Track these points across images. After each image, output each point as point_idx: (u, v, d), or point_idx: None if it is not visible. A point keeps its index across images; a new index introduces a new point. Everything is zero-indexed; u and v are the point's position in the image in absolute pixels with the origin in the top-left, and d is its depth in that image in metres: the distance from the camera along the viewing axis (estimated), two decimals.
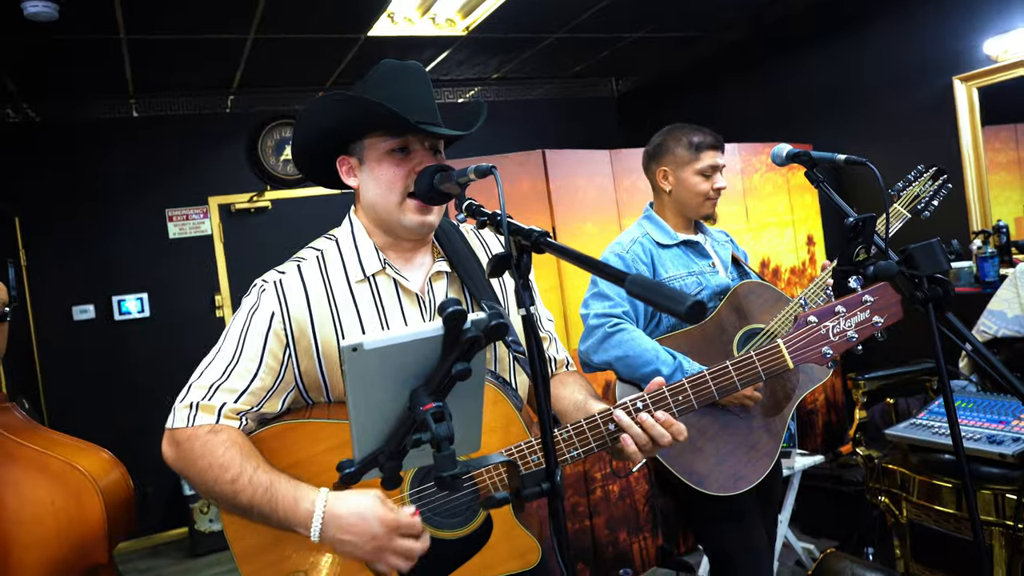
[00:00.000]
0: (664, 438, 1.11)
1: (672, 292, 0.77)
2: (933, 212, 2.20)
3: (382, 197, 1.20)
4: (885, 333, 1.35)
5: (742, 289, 1.98)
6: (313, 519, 1.06)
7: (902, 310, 1.29)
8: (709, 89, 5.17)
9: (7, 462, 1.62)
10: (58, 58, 3.69)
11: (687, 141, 2.01)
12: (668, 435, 1.11)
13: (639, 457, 1.12)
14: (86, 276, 4.40)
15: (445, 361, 0.84)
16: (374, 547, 1.04)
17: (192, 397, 1.18)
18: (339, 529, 1.05)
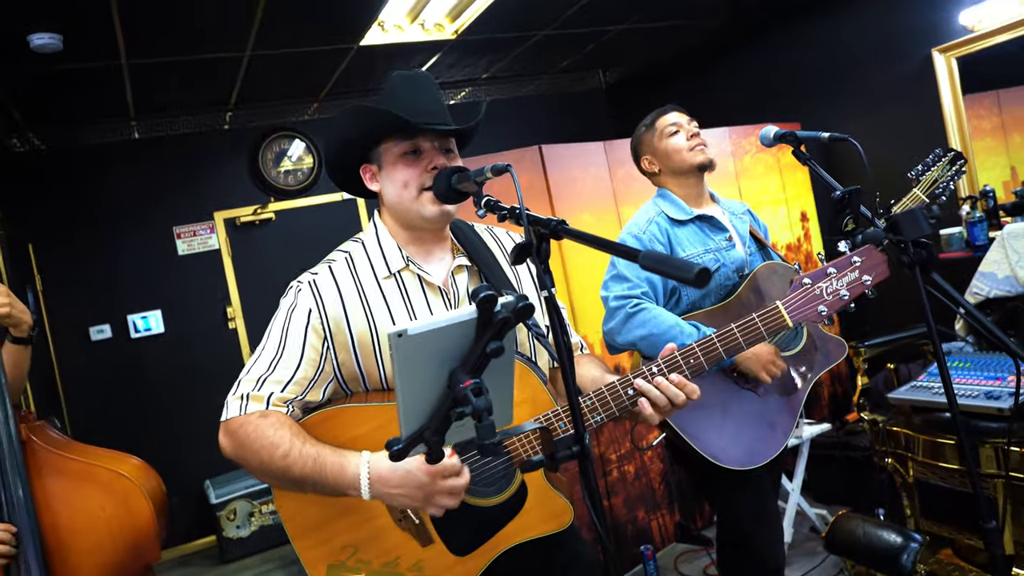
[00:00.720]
0: (679, 397, 1.20)
1: (680, 262, 0.87)
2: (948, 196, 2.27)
3: (400, 195, 1.30)
4: (875, 291, 1.44)
5: (762, 271, 2.01)
6: (360, 480, 1.16)
7: (888, 268, 1.38)
8: (695, 75, 5.27)
9: (55, 476, 1.72)
10: (62, 86, 3.78)
11: (646, 123, 2.16)
12: (682, 395, 1.20)
13: (656, 418, 1.21)
14: (101, 297, 4.50)
15: (479, 341, 0.94)
16: (423, 494, 1.14)
17: (243, 390, 1.27)
18: (386, 485, 1.15)
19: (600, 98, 6.10)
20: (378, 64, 4.49)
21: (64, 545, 1.67)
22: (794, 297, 1.34)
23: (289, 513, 1.29)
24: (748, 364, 1.86)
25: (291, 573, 4.00)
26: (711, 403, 1.88)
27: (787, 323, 1.33)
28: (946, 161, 2.21)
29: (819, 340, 2.01)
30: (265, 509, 4.34)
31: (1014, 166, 3.72)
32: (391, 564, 1.23)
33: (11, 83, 3.61)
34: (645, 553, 2.93)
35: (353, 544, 1.24)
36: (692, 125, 2.12)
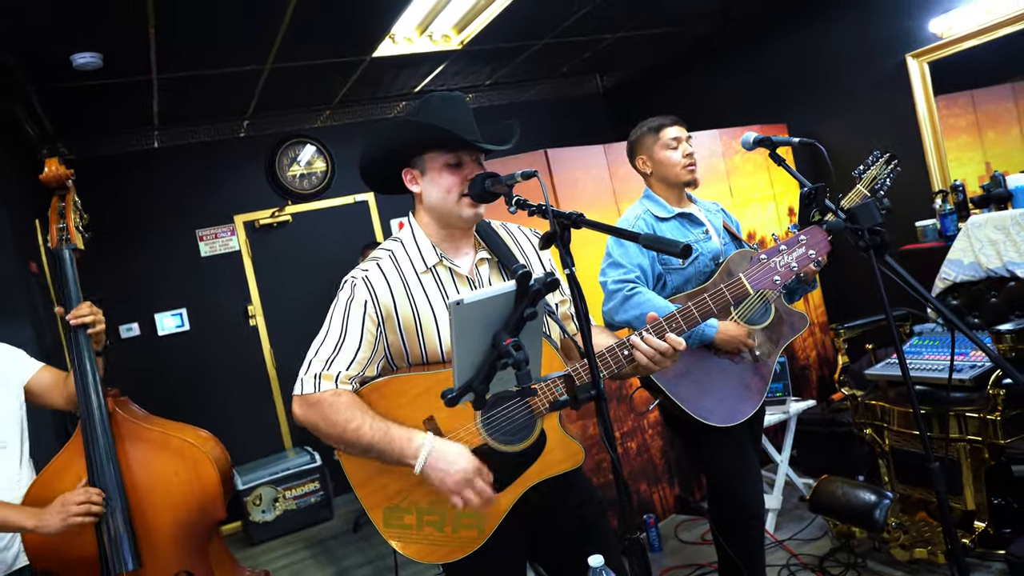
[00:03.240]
0: (663, 346, 1.47)
1: (669, 240, 1.17)
2: (887, 191, 2.59)
3: (444, 199, 1.56)
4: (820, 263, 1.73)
5: (734, 258, 2.32)
6: (420, 455, 1.43)
7: (828, 244, 1.67)
8: (687, 79, 5.56)
9: (137, 443, 1.98)
10: (94, 100, 4.05)
11: (649, 127, 2.39)
12: (666, 345, 1.48)
13: (652, 367, 1.49)
14: (130, 297, 4.79)
15: (518, 308, 1.22)
16: (460, 479, 1.42)
17: (314, 369, 1.53)
18: (439, 460, 1.42)
19: (598, 101, 6.39)
20: (387, 73, 4.77)
21: (143, 503, 1.93)
22: (753, 270, 1.62)
23: (351, 468, 1.55)
24: (725, 343, 2.20)
25: (314, 553, 4.28)
26: (696, 372, 2.19)
27: (748, 291, 1.61)
28: (882, 162, 2.55)
29: (785, 314, 2.32)
30: (288, 495, 4.64)
31: (988, 161, 3.99)
32: (436, 504, 1.49)
33: (50, 98, 3.89)
34: (648, 521, 3.21)
35: (405, 489, 1.51)
36: (689, 143, 2.37)
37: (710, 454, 2.27)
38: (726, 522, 2.28)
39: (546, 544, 1.67)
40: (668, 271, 2.30)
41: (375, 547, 4.10)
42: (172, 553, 1.92)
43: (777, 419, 3.29)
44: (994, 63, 3.76)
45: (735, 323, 2.23)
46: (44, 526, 1.77)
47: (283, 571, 4.06)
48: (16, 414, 2.05)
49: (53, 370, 2.14)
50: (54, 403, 2.12)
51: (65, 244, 1.99)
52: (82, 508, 1.79)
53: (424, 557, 1.52)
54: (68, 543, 1.85)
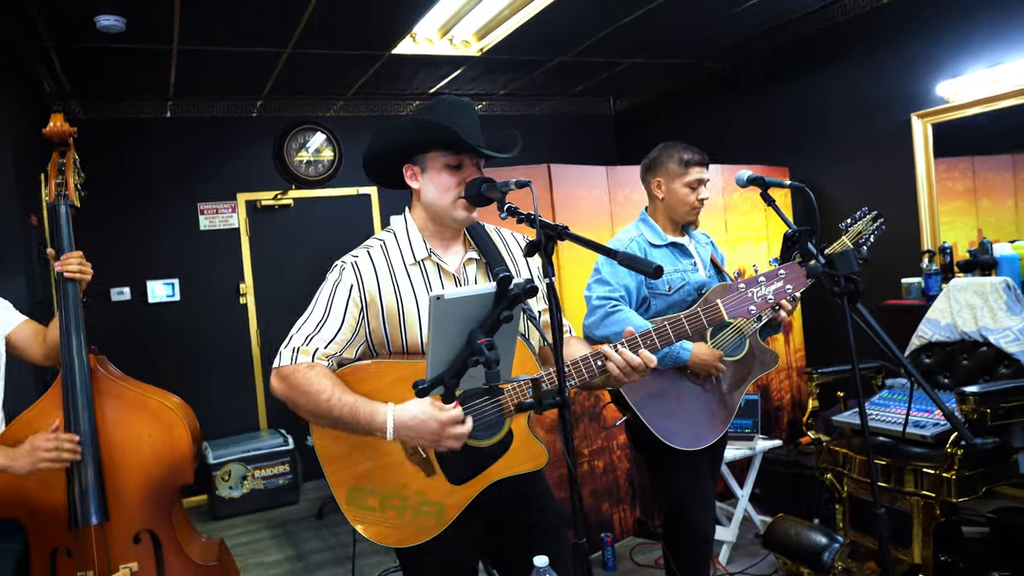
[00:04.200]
0: (635, 360, 1.53)
1: (645, 260, 1.23)
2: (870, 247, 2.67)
3: (439, 198, 1.62)
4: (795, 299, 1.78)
5: (717, 289, 2.38)
6: (387, 424, 1.48)
7: (805, 280, 1.74)
8: (697, 112, 5.65)
9: (114, 400, 2.03)
10: (114, 63, 4.11)
11: (679, 157, 2.40)
12: (638, 359, 1.54)
13: (623, 379, 1.54)
14: (124, 261, 4.83)
15: (495, 309, 1.28)
16: (433, 437, 1.47)
17: (294, 343, 1.59)
18: (405, 428, 1.47)
19: (608, 123, 6.48)
20: (404, 72, 4.85)
21: (115, 459, 1.98)
22: (730, 298, 1.68)
23: (322, 445, 1.61)
24: (698, 367, 2.26)
25: (276, 534, 4.31)
26: (667, 395, 2.26)
27: (724, 317, 1.67)
28: (869, 219, 2.64)
29: (758, 351, 2.39)
30: (258, 474, 4.67)
31: (981, 228, 4.07)
32: (400, 488, 1.55)
33: (69, 56, 3.94)
34: (605, 539, 3.26)
35: (370, 471, 1.57)
36: (704, 189, 2.41)
37: (668, 475, 2.33)
38: (677, 542, 2.34)
39: (500, 543, 1.72)
40: (653, 295, 2.36)
41: (336, 535, 4.13)
42: (138, 511, 1.96)
43: (743, 454, 3.35)
44: (996, 133, 3.85)
45: (708, 346, 2.30)
46: (13, 466, 1.81)
47: (243, 548, 4.09)
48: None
49: (35, 324, 2.17)
50: (32, 356, 2.15)
51: (62, 200, 2.03)
52: (51, 454, 1.82)
53: (381, 539, 1.57)
54: (37, 493, 1.89)
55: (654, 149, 2.49)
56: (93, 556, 1.87)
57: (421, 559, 1.63)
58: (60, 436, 1.86)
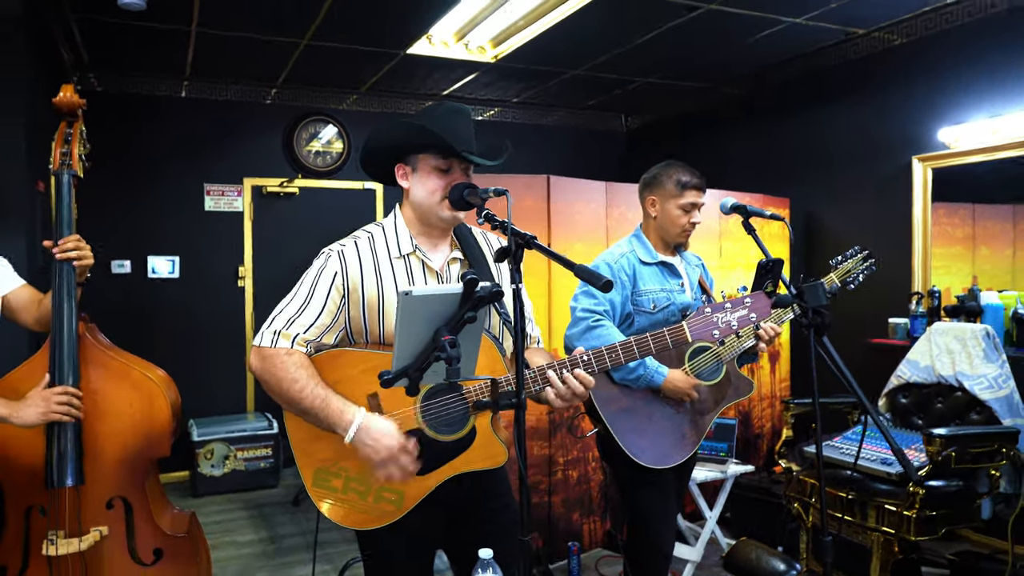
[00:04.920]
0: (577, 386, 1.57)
1: (597, 274, 1.31)
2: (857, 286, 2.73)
3: (427, 198, 1.70)
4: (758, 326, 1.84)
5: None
6: (351, 426, 1.55)
7: (769, 311, 1.80)
8: (708, 135, 5.73)
9: (99, 368, 2.10)
10: (133, 39, 4.21)
11: (677, 178, 2.44)
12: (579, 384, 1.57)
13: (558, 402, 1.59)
14: (126, 234, 4.93)
15: (461, 309, 1.35)
16: (385, 456, 1.54)
17: (275, 326, 1.66)
18: (367, 436, 1.54)
19: (619, 140, 6.56)
20: (419, 72, 4.94)
21: (95, 425, 2.05)
22: (695, 319, 1.75)
23: (292, 427, 1.68)
24: (670, 392, 2.34)
25: (252, 515, 4.39)
26: (639, 412, 2.32)
27: (687, 338, 1.74)
28: (860, 258, 2.70)
29: (734, 377, 2.45)
30: (240, 455, 4.76)
31: (976, 275, 4.11)
32: (364, 474, 1.62)
33: (90, 29, 4.05)
34: (571, 548, 3.32)
35: (336, 456, 1.64)
36: (697, 212, 2.46)
37: (634, 490, 2.39)
38: (637, 555, 2.41)
39: (458, 537, 1.79)
40: (637, 312, 2.42)
41: (310, 521, 4.20)
42: (112, 478, 2.03)
43: (714, 477, 3.41)
44: (997, 182, 3.90)
45: (684, 374, 2.36)
46: (18, 416, 1.87)
47: (217, 526, 4.17)
48: None
49: (32, 289, 2.24)
50: (25, 321, 2.22)
51: (66, 169, 2.09)
52: (63, 407, 1.90)
53: (342, 520, 1.65)
54: (16, 451, 1.96)
55: (655, 167, 2.54)
56: (66, 517, 1.94)
57: (380, 543, 1.70)
58: (69, 389, 1.93)
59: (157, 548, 2.07)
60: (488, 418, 1.67)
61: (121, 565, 2.02)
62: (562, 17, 3.90)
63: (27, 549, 1.96)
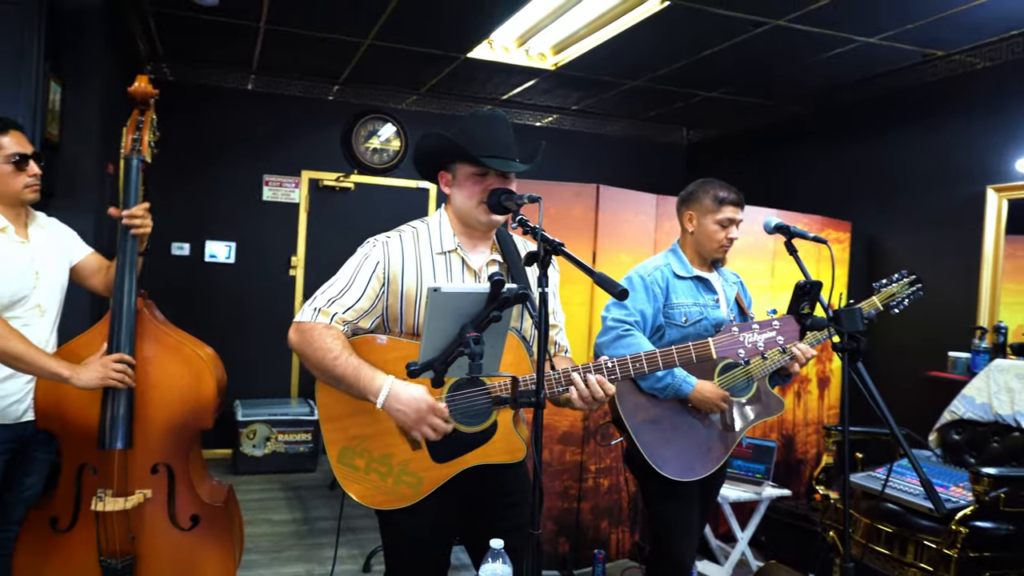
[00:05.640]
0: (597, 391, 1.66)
1: (613, 282, 1.38)
2: (902, 311, 2.71)
3: (465, 203, 1.81)
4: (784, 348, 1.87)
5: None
6: (382, 392, 1.66)
7: (798, 336, 1.83)
8: (770, 153, 5.69)
9: (153, 342, 2.27)
10: (205, 33, 4.48)
11: (714, 194, 2.50)
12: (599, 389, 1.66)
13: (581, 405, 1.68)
14: (187, 218, 5.24)
15: (487, 308, 1.45)
16: (416, 418, 1.64)
17: (316, 304, 1.79)
18: (397, 401, 1.65)
19: (678, 153, 6.57)
20: (478, 75, 5.08)
21: (146, 395, 2.21)
22: (722, 337, 1.80)
23: (323, 403, 1.80)
24: (698, 402, 2.37)
25: (288, 496, 4.60)
26: (665, 423, 2.37)
27: (712, 354, 1.79)
28: (905, 282, 2.67)
29: (764, 395, 2.47)
30: (281, 438, 5.01)
31: None
32: (386, 457, 1.73)
33: (165, 22, 4.33)
34: (597, 556, 3.37)
35: (362, 436, 1.75)
36: (735, 228, 2.51)
37: (657, 502, 2.44)
38: (658, 567, 2.45)
39: (475, 529, 1.88)
40: (669, 325, 2.48)
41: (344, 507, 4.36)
42: (158, 445, 2.20)
43: (748, 498, 3.41)
44: None
45: (713, 385, 2.40)
46: (78, 379, 2.06)
47: (254, 503, 4.39)
48: (61, 287, 2.39)
49: (100, 257, 2.50)
50: (94, 286, 2.49)
51: (135, 154, 2.28)
52: (118, 375, 2.08)
53: (363, 498, 1.76)
54: (75, 412, 2.14)
55: (693, 183, 2.60)
56: (114, 477, 2.12)
57: (398, 525, 1.81)
58: (125, 356, 2.12)
59: (194, 515, 2.23)
60: (511, 414, 1.76)
61: (160, 527, 2.19)
62: (625, 28, 3.97)
63: (78, 504, 2.15)
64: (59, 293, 2.40)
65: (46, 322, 2.34)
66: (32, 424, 2.24)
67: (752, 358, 1.94)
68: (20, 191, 2.26)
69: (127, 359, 2.12)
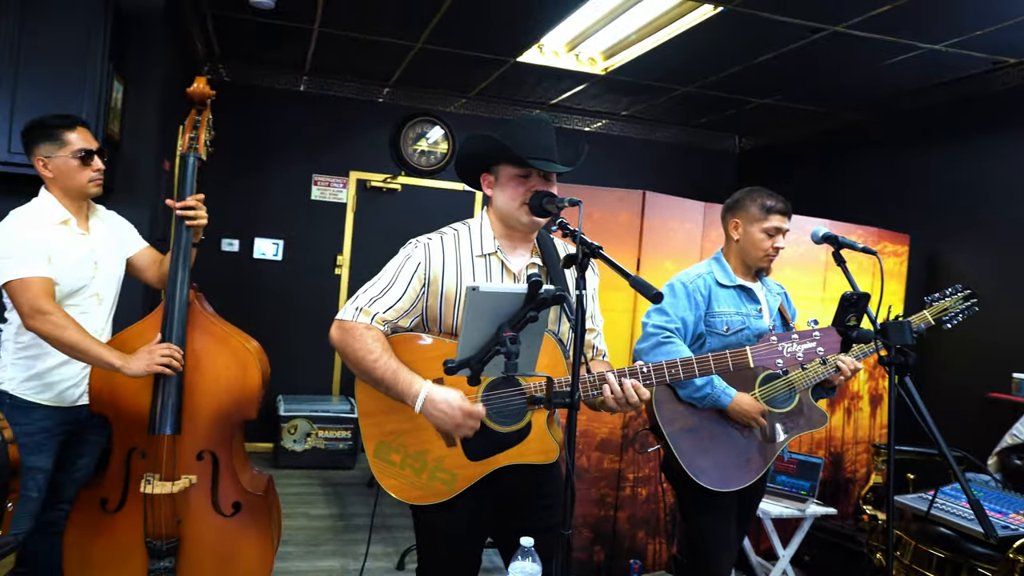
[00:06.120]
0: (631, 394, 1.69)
1: (648, 285, 1.40)
2: (956, 326, 2.65)
3: (508, 205, 1.85)
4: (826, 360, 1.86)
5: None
6: (419, 397, 1.72)
7: (839, 347, 1.82)
8: (827, 162, 5.60)
9: (203, 333, 2.38)
10: (260, 35, 4.64)
11: (760, 202, 2.50)
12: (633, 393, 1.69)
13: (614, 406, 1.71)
14: (237, 215, 5.41)
15: (524, 308, 1.49)
16: (452, 423, 1.70)
17: (358, 303, 1.86)
18: (433, 406, 1.71)
19: (730, 161, 6.51)
20: (528, 79, 5.13)
21: (195, 383, 2.32)
22: (760, 347, 1.80)
23: (361, 399, 1.87)
24: (736, 415, 2.38)
25: (326, 492, 4.72)
26: (703, 432, 2.37)
27: (749, 363, 1.80)
28: (960, 297, 2.61)
29: (807, 407, 2.45)
30: (321, 434, 5.14)
31: None
32: (421, 453, 1.78)
33: (222, 24, 4.50)
34: (633, 566, 3.37)
35: (398, 431, 1.81)
36: (781, 237, 2.50)
37: (694, 513, 2.44)
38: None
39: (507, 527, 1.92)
40: (710, 333, 2.48)
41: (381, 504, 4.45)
42: (204, 432, 2.30)
43: (790, 514, 3.37)
44: None
45: (752, 398, 2.39)
46: (128, 367, 2.17)
47: (293, 497, 4.52)
48: (117, 278, 2.52)
49: (154, 251, 2.63)
50: (148, 279, 2.62)
51: (192, 152, 2.41)
52: (165, 359, 2.19)
53: (397, 493, 1.82)
54: (127, 398, 2.26)
55: (739, 191, 2.60)
56: (162, 461, 2.22)
57: (433, 521, 1.86)
58: (172, 346, 2.22)
59: (236, 502, 2.32)
60: (545, 415, 1.79)
61: (203, 512, 2.29)
62: (677, 33, 3.97)
63: (127, 486, 2.26)
64: (116, 283, 2.53)
65: (103, 311, 2.46)
66: (86, 408, 2.36)
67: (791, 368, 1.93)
68: (85, 185, 2.39)
69: (173, 347, 2.23)
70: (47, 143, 2.35)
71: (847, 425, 4.26)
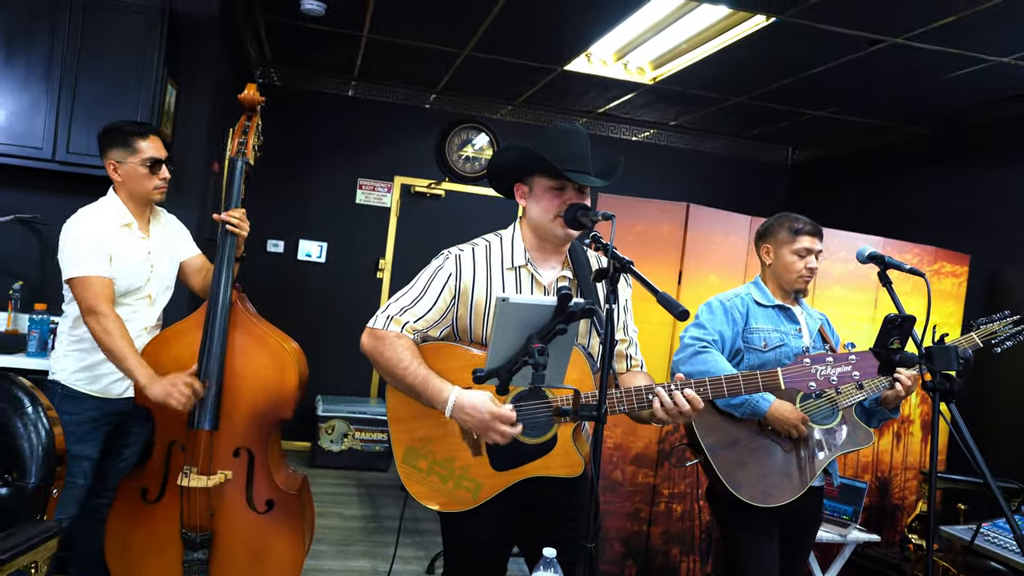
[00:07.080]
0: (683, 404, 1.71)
1: (674, 302, 1.41)
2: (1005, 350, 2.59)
3: (542, 216, 1.88)
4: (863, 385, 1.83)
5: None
6: (448, 402, 1.76)
7: (875, 371, 1.80)
8: (881, 177, 5.48)
9: (243, 333, 2.46)
10: (310, 41, 4.78)
11: (789, 225, 2.53)
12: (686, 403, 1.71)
13: (664, 418, 1.72)
14: (284, 216, 5.58)
15: (553, 321, 1.52)
16: (483, 426, 1.73)
17: (390, 312, 1.91)
18: (462, 410, 1.75)
19: (782, 173, 6.42)
20: (574, 88, 5.17)
21: (234, 382, 2.41)
22: (792, 368, 1.79)
23: (392, 405, 1.92)
24: (775, 422, 2.35)
25: (360, 493, 4.83)
26: (742, 446, 2.36)
27: (780, 384, 1.79)
28: (1009, 321, 2.55)
29: (850, 426, 2.43)
30: (358, 435, 5.26)
31: None
32: (448, 460, 1.83)
33: (274, 30, 4.65)
34: None
35: (427, 438, 1.86)
36: (817, 258, 2.52)
37: (733, 531, 2.43)
38: None
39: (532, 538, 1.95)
40: (748, 350, 2.47)
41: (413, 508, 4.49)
42: (242, 429, 2.39)
43: (830, 539, 3.31)
44: None
45: (792, 406, 2.37)
46: (150, 389, 2.26)
47: (327, 496, 4.63)
48: (170, 279, 2.64)
49: (204, 259, 2.73)
50: (192, 285, 2.73)
51: (240, 156, 2.50)
52: (182, 398, 2.25)
53: (423, 498, 1.87)
54: None
55: (769, 219, 2.64)
56: (200, 455, 2.31)
57: (459, 528, 1.90)
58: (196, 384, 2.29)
59: (270, 499, 2.40)
60: (571, 429, 1.81)
61: (238, 507, 2.37)
62: (728, 43, 3.95)
63: (166, 477, 2.36)
64: (168, 286, 2.65)
65: (154, 311, 2.59)
66: (132, 400, 2.47)
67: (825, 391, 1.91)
68: (150, 192, 2.52)
69: (196, 384, 2.29)
70: (120, 148, 2.48)
71: (896, 450, 4.17)
